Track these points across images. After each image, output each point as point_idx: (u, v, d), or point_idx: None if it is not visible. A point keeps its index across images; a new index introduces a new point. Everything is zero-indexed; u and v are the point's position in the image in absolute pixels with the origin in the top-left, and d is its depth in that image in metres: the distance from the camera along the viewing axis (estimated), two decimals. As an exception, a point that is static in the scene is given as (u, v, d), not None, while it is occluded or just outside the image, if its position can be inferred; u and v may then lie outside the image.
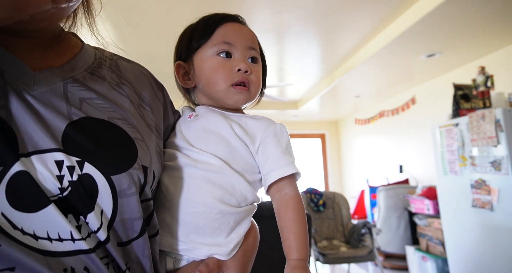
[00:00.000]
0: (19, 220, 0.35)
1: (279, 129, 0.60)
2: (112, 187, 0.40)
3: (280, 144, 0.58)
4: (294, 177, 0.58)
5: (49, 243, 0.36)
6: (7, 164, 0.35)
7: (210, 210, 0.54)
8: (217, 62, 0.60)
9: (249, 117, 0.62)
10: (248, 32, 0.64)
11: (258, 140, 0.58)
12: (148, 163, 0.46)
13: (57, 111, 0.40)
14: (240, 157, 0.57)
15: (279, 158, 0.57)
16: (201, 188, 0.54)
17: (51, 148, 0.38)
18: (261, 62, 0.65)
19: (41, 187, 0.36)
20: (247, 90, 0.60)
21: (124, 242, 0.42)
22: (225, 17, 0.64)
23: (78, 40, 0.53)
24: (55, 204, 0.37)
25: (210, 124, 0.59)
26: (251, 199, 0.58)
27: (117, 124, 0.45)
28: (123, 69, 0.55)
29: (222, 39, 0.61)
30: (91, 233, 0.39)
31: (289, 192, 0.56)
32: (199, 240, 0.54)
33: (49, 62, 0.45)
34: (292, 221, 0.55)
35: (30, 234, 0.35)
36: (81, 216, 0.39)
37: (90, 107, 0.44)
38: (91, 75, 0.48)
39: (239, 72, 0.59)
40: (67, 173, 0.38)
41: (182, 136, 0.59)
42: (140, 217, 0.43)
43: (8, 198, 0.35)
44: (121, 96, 0.50)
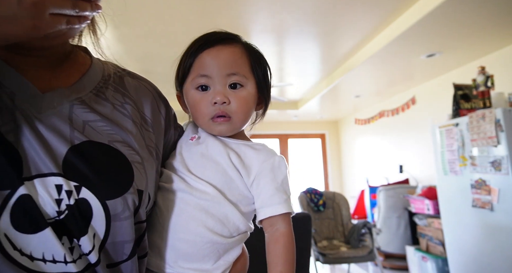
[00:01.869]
0: (19, 241, 0.37)
1: (277, 163, 0.59)
2: (107, 211, 0.42)
3: (276, 180, 0.58)
4: (288, 214, 0.58)
5: (43, 264, 0.38)
6: (14, 188, 0.37)
7: (201, 239, 0.54)
8: (196, 97, 0.60)
9: (250, 146, 0.61)
10: (226, 57, 0.59)
11: (254, 174, 0.58)
12: (144, 186, 0.48)
13: (61, 134, 0.42)
14: (235, 187, 0.58)
15: (273, 195, 0.57)
16: (194, 216, 0.55)
17: (52, 172, 0.40)
18: (252, 82, 0.61)
19: (40, 210, 0.38)
20: (228, 120, 0.59)
21: (113, 263, 0.44)
22: (203, 45, 0.60)
23: (87, 56, 0.55)
24: (52, 227, 0.38)
25: (209, 151, 0.59)
26: (243, 230, 0.58)
27: (117, 148, 0.46)
28: (128, 86, 0.56)
29: (198, 72, 0.59)
30: (83, 255, 0.40)
31: (281, 229, 0.56)
32: (186, 265, 0.54)
33: (58, 82, 0.46)
34: (279, 258, 0.55)
35: (27, 255, 0.37)
36: (75, 238, 0.40)
37: (92, 130, 0.46)
38: (96, 97, 0.49)
39: (216, 105, 0.58)
40: (65, 197, 0.39)
41: (181, 159, 0.59)
42: (131, 240, 0.45)
43: (12, 220, 0.36)
44: (123, 117, 0.51)
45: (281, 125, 6.85)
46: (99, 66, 0.54)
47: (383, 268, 3.48)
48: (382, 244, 3.92)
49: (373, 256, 3.19)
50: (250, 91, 0.61)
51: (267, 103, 0.66)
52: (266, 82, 0.64)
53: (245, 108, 0.60)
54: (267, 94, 0.65)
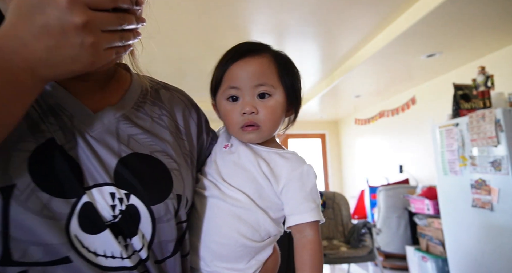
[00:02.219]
0: (86, 240, 0.44)
1: (305, 172, 0.61)
2: (152, 215, 0.48)
3: (304, 189, 0.60)
4: (316, 222, 0.60)
5: (105, 259, 0.45)
6: (78, 197, 0.44)
7: (234, 242, 0.58)
8: (227, 107, 0.64)
9: (279, 154, 0.64)
10: (254, 69, 0.62)
11: (283, 182, 0.60)
12: (181, 191, 0.54)
13: (110, 149, 0.49)
14: (266, 194, 0.61)
15: (301, 204, 0.59)
16: (227, 221, 0.59)
17: (106, 182, 0.47)
18: (280, 90, 0.64)
19: (100, 215, 0.45)
20: (257, 128, 0.63)
21: (160, 260, 0.50)
22: (232, 58, 0.63)
23: (128, 73, 0.62)
24: (110, 228, 0.45)
25: (241, 160, 0.63)
26: (274, 233, 0.62)
27: (157, 157, 0.53)
28: (163, 98, 0.62)
29: (229, 84, 0.63)
30: (135, 252, 0.47)
31: (308, 236, 0.59)
32: (221, 265, 0.59)
33: (106, 102, 0.54)
34: (306, 265, 0.58)
35: (93, 252, 0.44)
36: (127, 238, 0.47)
37: (135, 142, 0.52)
38: (137, 112, 0.56)
39: (245, 115, 0.62)
40: (118, 203, 0.46)
41: (216, 167, 0.63)
42: (173, 239, 0.51)
43: (79, 223, 0.43)
44: (161, 128, 0.58)
45: (281, 125, 6.84)
46: (138, 82, 0.61)
47: (383, 268, 3.48)
48: (382, 244, 3.92)
49: (373, 256, 3.19)
50: (278, 99, 0.64)
51: (297, 108, 0.69)
52: (295, 88, 0.67)
53: (273, 117, 0.63)
54: (296, 100, 0.68)
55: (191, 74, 3.77)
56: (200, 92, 0.76)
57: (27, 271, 0.40)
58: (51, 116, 0.47)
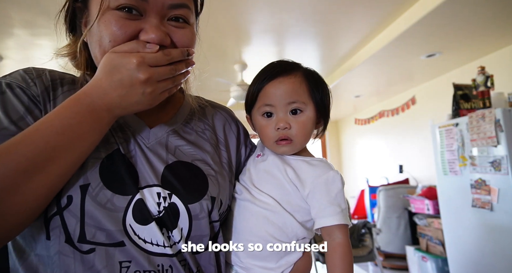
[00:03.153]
0: (137, 230, 0.54)
1: (331, 178, 0.66)
2: (189, 212, 0.57)
3: (329, 194, 0.65)
4: (344, 225, 0.64)
5: (151, 246, 0.54)
6: (133, 194, 0.55)
7: (263, 241, 0.63)
8: (262, 123, 0.70)
9: (307, 161, 0.69)
10: (286, 88, 0.68)
11: (308, 187, 0.65)
12: (216, 194, 0.62)
13: (160, 157, 0.60)
14: (292, 199, 0.66)
15: (326, 207, 0.64)
16: (257, 222, 0.65)
17: (155, 184, 0.57)
18: (311, 106, 0.69)
19: (148, 210, 0.55)
20: (290, 142, 0.69)
21: (195, 252, 0.58)
22: (267, 78, 0.69)
23: (181, 93, 0.74)
24: (156, 221, 0.55)
25: (270, 167, 0.69)
26: (302, 236, 0.66)
27: (197, 165, 0.63)
28: (208, 115, 0.74)
29: (264, 102, 0.69)
30: (175, 243, 0.56)
31: (337, 239, 0.64)
32: (253, 262, 0.64)
33: (161, 119, 0.66)
34: (336, 267, 0.62)
35: (142, 239, 0.54)
36: (169, 231, 0.56)
37: (180, 152, 0.63)
38: (184, 127, 0.68)
39: (279, 130, 0.68)
40: (163, 201, 0.56)
41: (249, 175, 0.71)
42: (207, 235, 0.59)
43: (133, 215, 0.54)
44: (203, 140, 0.68)
45: (281, 125, 6.84)
46: (188, 103, 0.72)
47: (383, 268, 3.48)
48: (382, 244, 3.92)
49: (373, 256, 3.19)
50: (309, 115, 0.70)
51: (326, 120, 0.76)
52: (324, 103, 0.72)
53: (305, 131, 0.69)
54: (325, 114, 0.74)
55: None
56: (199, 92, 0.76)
57: (94, 249, 0.51)
58: (120, 131, 0.60)
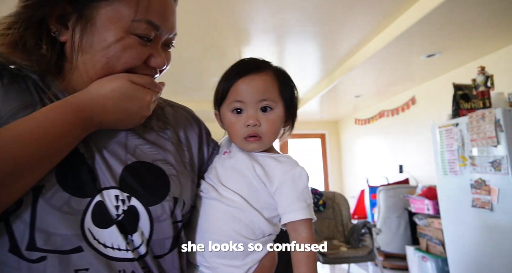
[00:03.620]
0: (97, 234, 0.52)
1: (298, 174, 0.66)
2: (150, 215, 0.56)
3: (296, 189, 0.65)
4: (309, 220, 0.65)
5: (112, 250, 0.52)
6: (93, 196, 0.53)
7: (230, 240, 0.63)
8: (232, 118, 0.70)
9: (274, 158, 0.69)
10: (258, 85, 0.69)
11: (276, 183, 0.66)
12: (178, 194, 0.61)
13: (118, 158, 0.58)
14: (259, 196, 0.66)
15: (292, 203, 0.64)
16: (224, 220, 0.64)
17: (112, 186, 0.55)
18: (280, 104, 0.70)
19: (109, 212, 0.53)
20: (259, 139, 0.68)
21: (158, 255, 0.57)
22: (238, 74, 0.69)
23: None
24: (116, 225, 0.53)
25: (237, 164, 0.69)
26: (268, 232, 0.67)
27: (158, 165, 0.61)
28: (168, 114, 0.71)
29: (234, 98, 0.69)
30: (135, 249, 0.54)
31: (302, 233, 0.64)
32: (219, 261, 0.64)
33: None
34: (301, 261, 0.62)
35: (102, 243, 0.52)
36: (129, 235, 0.54)
37: (141, 152, 0.61)
38: (144, 127, 0.65)
39: (248, 127, 0.67)
40: (121, 204, 0.54)
41: (215, 172, 0.69)
42: (170, 237, 0.58)
43: (92, 218, 0.52)
44: (164, 140, 0.66)
45: (281, 125, 6.84)
46: None
47: (383, 268, 3.48)
48: (382, 244, 3.92)
49: (373, 256, 3.19)
50: (278, 113, 0.70)
51: (293, 119, 0.75)
52: (293, 102, 0.73)
53: (274, 129, 0.70)
54: (293, 112, 0.74)
55: (191, 74, 3.77)
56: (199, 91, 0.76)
57: (46, 257, 0.48)
58: None
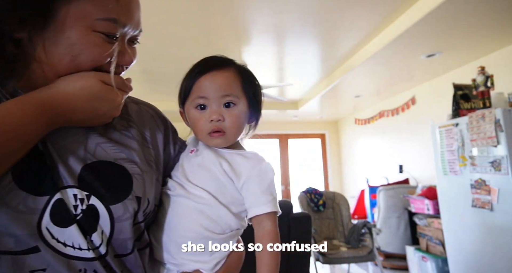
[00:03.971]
0: (56, 233, 0.50)
1: (263, 169, 0.68)
2: (110, 214, 0.54)
3: (262, 184, 0.67)
4: (274, 213, 0.67)
5: (72, 250, 0.51)
6: (52, 194, 0.51)
7: (197, 235, 0.64)
8: (196, 115, 0.70)
9: (241, 154, 0.70)
10: (220, 81, 0.70)
11: (243, 178, 0.67)
12: (141, 193, 0.60)
13: (77, 156, 0.56)
14: (227, 191, 0.67)
15: (259, 197, 0.66)
16: (192, 216, 0.65)
17: (70, 185, 0.53)
18: (244, 100, 0.71)
19: (69, 211, 0.51)
20: (223, 134, 0.69)
21: (119, 255, 0.56)
22: (200, 71, 0.70)
23: None
24: (77, 223, 0.51)
25: (204, 161, 0.69)
26: (235, 227, 0.68)
27: (121, 164, 0.60)
28: (131, 112, 0.69)
29: (197, 94, 0.69)
30: (96, 248, 0.53)
31: (267, 227, 0.66)
32: (187, 257, 0.64)
33: None
34: (265, 253, 0.63)
35: (62, 242, 0.50)
36: (88, 235, 0.53)
37: (102, 150, 0.59)
38: (106, 126, 0.63)
39: (212, 122, 0.68)
40: (80, 204, 0.53)
41: (182, 170, 0.70)
42: (131, 238, 0.57)
43: (51, 217, 0.50)
44: (128, 138, 0.64)
45: (281, 125, 6.85)
46: None
47: (383, 268, 3.48)
48: (382, 244, 3.93)
49: (373, 256, 3.19)
50: (242, 108, 0.71)
51: (258, 116, 0.76)
52: (257, 99, 0.74)
53: (238, 124, 0.70)
54: (257, 109, 0.75)
55: None
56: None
57: None
58: None
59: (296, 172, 6.87)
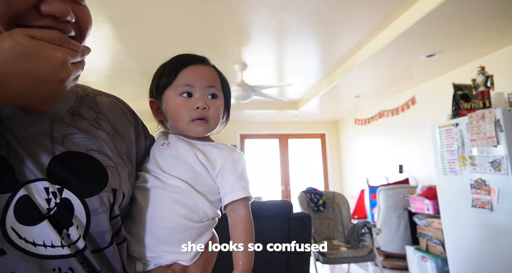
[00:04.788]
0: (23, 232, 0.46)
1: (237, 158, 0.70)
2: (86, 207, 0.51)
3: (236, 171, 0.69)
4: (247, 200, 0.69)
5: (44, 248, 0.47)
6: (14, 191, 0.47)
7: (176, 225, 0.64)
8: (180, 101, 0.71)
9: (213, 145, 0.72)
10: (207, 73, 0.74)
11: (218, 167, 0.69)
12: (117, 185, 0.57)
13: (44, 148, 0.52)
14: (202, 180, 0.68)
15: (234, 184, 0.68)
16: (169, 206, 0.65)
17: (39, 178, 0.49)
18: (222, 95, 0.75)
19: (38, 207, 0.48)
20: (206, 122, 0.72)
21: (97, 249, 0.53)
22: (186, 62, 0.73)
23: None
24: (48, 219, 0.48)
25: (178, 152, 0.70)
26: (212, 215, 0.69)
27: (93, 155, 0.56)
28: (100, 104, 0.66)
29: (184, 82, 0.71)
30: (72, 243, 0.50)
31: (241, 212, 0.68)
32: (165, 249, 0.64)
33: (39, 108, 0.56)
34: (240, 236, 0.66)
35: (31, 242, 0.47)
36: (64, 229, 0.50)
37: (70, 142, 0.55)
38: (72, 115, 0.59)
39: (198, 109, 0.70)
40: (53, 197, 0.49)
41: (155, 162, 0.70)
42: (109, 231, 0.54)
43: (16, 216, 0.46)
44: (97, 129, 0.61)
45: (281, 125, 6.85)
46: (72, 91, 0.64)
47: (383, 268, 3.48)
48: (382, 244, 3.93)
49: (373, 256, 3.19)
50: (221, 102, 0.75)
51: (228, 115, 0.80)
52: (228, 98, 0.79)
53: (219, 115, 0.74)
54: (228, 108, 0.79)
55: None
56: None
57: None
58: None
59: (296, 172, 6.87)
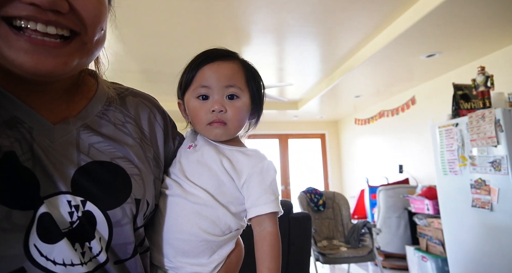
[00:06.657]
0: (44, 250, 0.45)
1: (265, 167, 0.65)
2: (108, 219, 0.51)
3: (264, 182, 0.64)
4: (275, 214, 0.64)
5: (64, 267, 0.46)
6: (36, 208, 0.46)
7: (195, 238, 0.61)
8: (197, 105, 0.67)
9: (242, 152, 0.67)
10: (226, 71, 0.67)
11: (244, 177, 0.64)
12: (141, 195, 0.56)
13: (69, 159, 0.51)
14: (227, 189, 0.64)
15: (260, 196, 0.63)
16: (189, 218, 0.61)
17: (64, 191, 0.49)
18: (247, 94, 0.69)
19: (57, 224, 0.47)
20: (224, 125, 0.66)
21: (119, 261, 0.52)
22: (205, 60, 0.68)
23: (94, 80, 0.63)
24: (67, 236, 0.47)
25: (204, 158, 0.66)
26: (235, 228, 0.65)
27: (118, 163, 0.56)
28: (129, 105, 0.64)
29: (200, 83, 0.67)
30: (93, 257, 0.49)
31: (268, 228, 0.63)
32: (184, 260, 0.61)
33: (67, 113, 0.55)
34: (266, 255, 0.61)
35: (52, 260, 0.46)
36: (86, 242, 0.49)
37: (96, 150, 0.55)
38: (100, 119, 0.58)
39: (214, 112, 0.66)
40: (75, 210, 0.49)
41: (180, 167, 0.66)
42: (132, 242, 0.53)
43: (38, 233, 0.45)
44: (124, 135, 0.60)
45: (281, 125, 6.85)
46: (103, 91, 0.62)
47: (383, 268, 3.48)
48: (382, 244, 3.93)
49: (373, 256, 3.19)
50: (245, 102, 0.68)
51: (259, 113, 0.74)
52: (259, 95, 0.72)
53: (239, 117, 0.68)
54: (259, 106, 0.73)
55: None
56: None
57: None
58: (8, 129, 0.48)
59: (296, 172, 6.87)
